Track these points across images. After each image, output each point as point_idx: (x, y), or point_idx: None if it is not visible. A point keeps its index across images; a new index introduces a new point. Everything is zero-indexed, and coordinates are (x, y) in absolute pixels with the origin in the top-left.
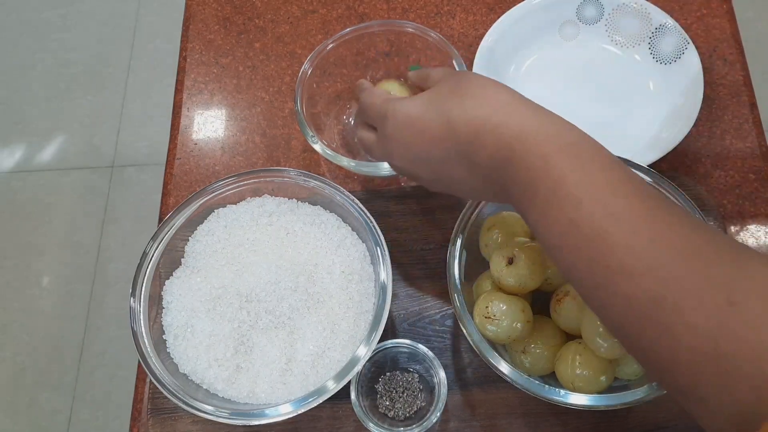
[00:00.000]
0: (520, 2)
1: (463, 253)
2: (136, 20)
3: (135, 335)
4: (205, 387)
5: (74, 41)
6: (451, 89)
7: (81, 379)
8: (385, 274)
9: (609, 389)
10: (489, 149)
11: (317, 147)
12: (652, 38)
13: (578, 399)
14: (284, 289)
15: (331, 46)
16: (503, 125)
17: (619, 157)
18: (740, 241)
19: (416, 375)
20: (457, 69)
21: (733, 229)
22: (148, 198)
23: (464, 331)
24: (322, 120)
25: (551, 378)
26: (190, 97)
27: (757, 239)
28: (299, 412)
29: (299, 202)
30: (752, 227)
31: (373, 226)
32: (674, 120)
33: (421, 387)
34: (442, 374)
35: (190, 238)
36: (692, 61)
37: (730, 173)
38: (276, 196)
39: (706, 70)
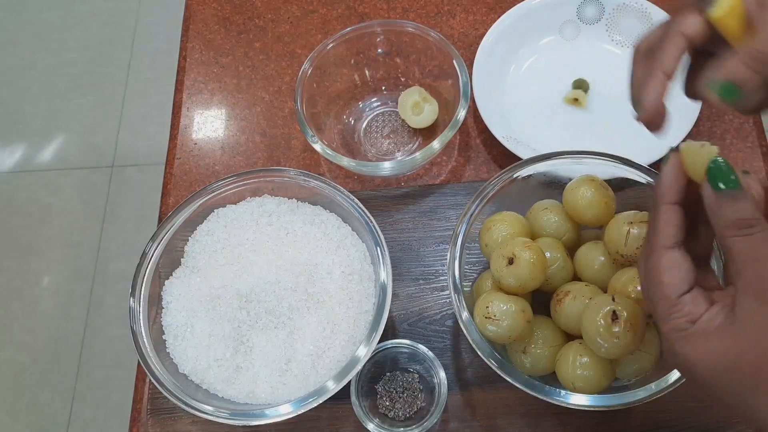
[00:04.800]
0: (520, 2)
1: (463, 253)
2: (136, 20)
3: (135, 335)
4: (204, 387)
5: (74, 41)
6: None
7: (81, 379)
8: (385, 274)
9: (609, 389)
10: None
11: (317, 147)
12: None
13: (578, 399)
14: (284, 289)
15: (331, 45)
16: None
17: (620, 157)
18: None
19: (416, 375)
20: (457, 69)
21: None
22: (148, 198)
23: (464, 331)
24: (322, 120)
25: (551, 378)
26: (190, 96)
27: None
28: (299, 412)
29: (299, 202)
30: None
31: (373, 226)
32: (674, 120)
33: (421, 387)
34: (442, 374)
35: (189, 238)
36: None
37: None
38: (276, 195)
39: None
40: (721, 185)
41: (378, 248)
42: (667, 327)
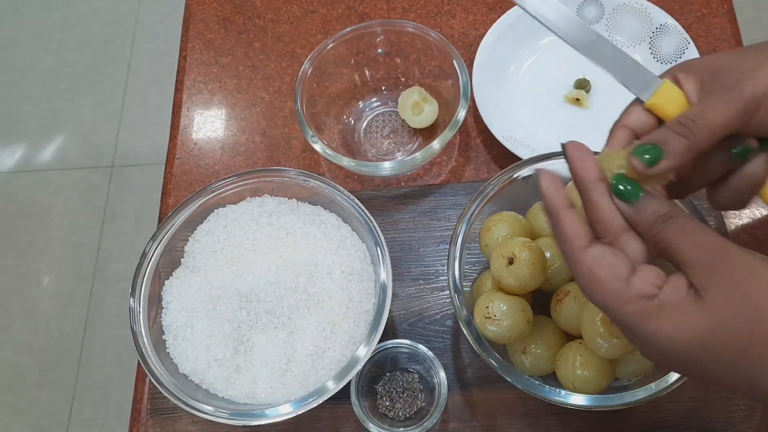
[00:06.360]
0: None
1: (463, 253)
2: (136, 20)
3: (135, 335)
4: (204, 387)
5: (74, 41)
6: (746, 342)
7: (81, 379)
8: (385, 274)
9: (609, 389)
10: None
11: (317, 147)
12: (653, 38)
13: (578, 399)
14: (284, 289)
15: (331, 45)
16: None
17: None
18: (741, 241)
19: (416, 375)
20: (457, 69)
21: (733, 228)
22: (148, 198)
23: (464, 331)
24: (322, 119)
25: (551, 378)
26: (190, 96)
27: (758, 239)
28: (299, 412)
29: (299, 202)
30: (754, 227)
31: (373, 226)
32: None
33: (421, 387)
34: (442, 374)
35: (189, 238)
36: None
37: None
38: (276, 196)
39: None
40: (630, 198)
41: (378, 248)
42: (630, 315)
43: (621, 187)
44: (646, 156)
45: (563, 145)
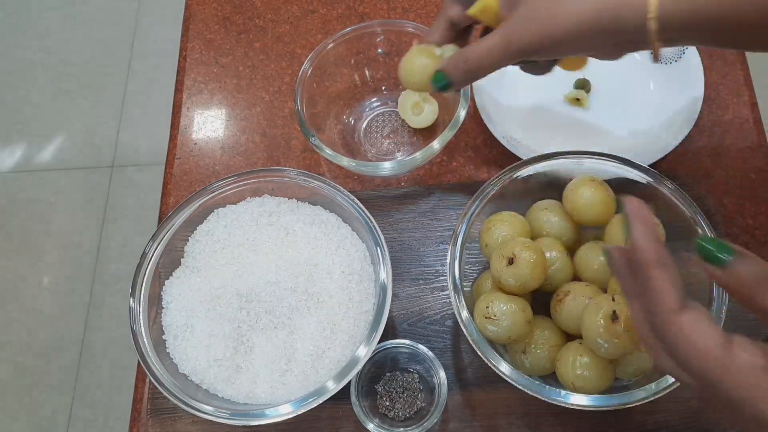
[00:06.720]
0: None
1: (463, 253)
2: (136, 20)
3: (135, 335)
4: (204, 387)
5: (74, 41)
6: None
7: (81, 379)
8: (385, 274)
9: (609, 389)
10: None
11: (317, 147)
12: None
13: (578, 399)
14: (284, 289)
15: (331, 45)
16: None
17: (620, 157)
18: (741, 241)
19: (416, 375)
20: None
21: (733, 229)
22: (148, 198)
23: (464, 331)
24: (322, 120)
25: (551, 378)
26: (190, 96)
27: (757, 239)
28: (299, 412)
29: (299, 202)
30: (753, 227)
31: (373, 226)
32: (674, 120)
33: (421, 387)
34: (442, 374)
35: (189, 238)
36: (693, 60)
37: (730, 173)
38: (276, 196)
39: (707, 70)
40: (722, 261)
41: (378, 248)
42: (740, 387)
43: (710, 250)
44: (438, 83)
45: (621, 200)
